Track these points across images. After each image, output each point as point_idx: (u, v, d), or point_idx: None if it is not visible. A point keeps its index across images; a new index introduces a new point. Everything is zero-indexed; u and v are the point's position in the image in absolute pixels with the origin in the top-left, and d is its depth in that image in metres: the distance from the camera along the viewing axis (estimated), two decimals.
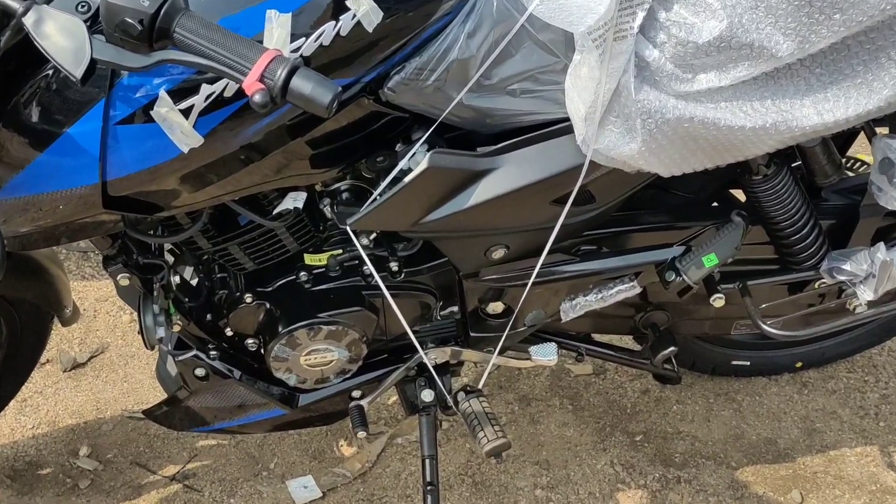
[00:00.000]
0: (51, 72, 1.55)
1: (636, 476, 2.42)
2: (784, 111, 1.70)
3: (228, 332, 2.03)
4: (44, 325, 2.35)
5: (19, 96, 1.57)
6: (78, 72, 1.31)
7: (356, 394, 2.15)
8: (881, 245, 2.06)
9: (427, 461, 2.12)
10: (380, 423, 2.59)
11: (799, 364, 2.62)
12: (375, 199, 1.78)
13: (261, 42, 1.41)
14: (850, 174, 2.18)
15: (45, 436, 2.56)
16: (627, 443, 2.48)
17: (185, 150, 1.55)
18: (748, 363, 2.63)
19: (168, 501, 2.44)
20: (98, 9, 1.33)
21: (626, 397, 2.61)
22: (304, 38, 1.50)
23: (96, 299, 2.89)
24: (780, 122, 1.70)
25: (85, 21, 1.35)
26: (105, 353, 2.73)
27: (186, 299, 2.00)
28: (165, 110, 1.49)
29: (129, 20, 1.29)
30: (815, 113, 1.69)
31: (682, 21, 1.60)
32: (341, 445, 2.56)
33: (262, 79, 1.27)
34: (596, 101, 1.63)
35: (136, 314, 2.33)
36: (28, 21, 1.32)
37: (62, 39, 1.33)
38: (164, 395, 2.21)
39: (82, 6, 1.38)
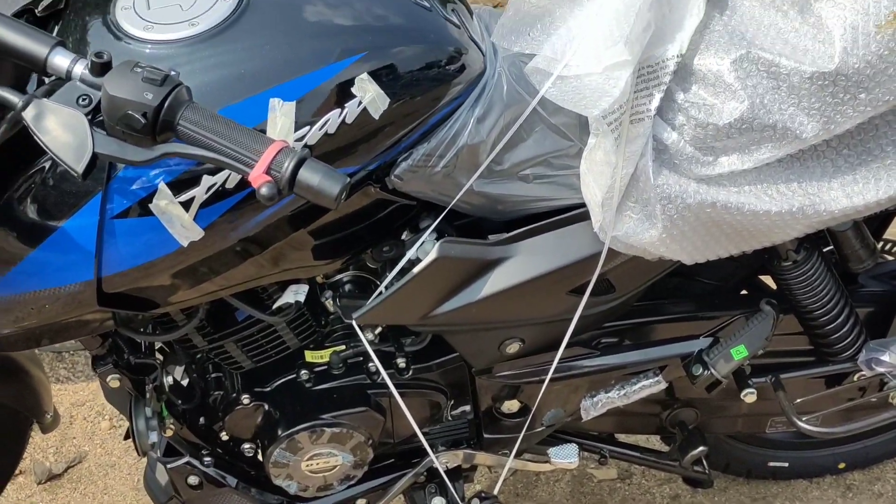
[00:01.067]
0: (47, 165, 1.63)
1: None
2: (811, 194, 1.78)
3: (224, 437, 2.07)
4: (22, 432, 2.37)
5: (12, 191, 1.64)
6: (80, 167, 1.38)
7: (361, 503, 2.18)
8: None
9: None
10: None
11: (842, 465, 2.65)
12: (381, 291, 1.85)
13: (264, 131, 1.51)
14: (889, 258, 2.25)
15: None
16: None
17: (185, 243, 1.63)
18: (786, 464, 2.65)
19: None
20: (99, 102, 1.40)
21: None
22: (308, 127, 1.59)
23: (72, 404, 2.93)
24: (808, 205, 1.78)
25: (86, 114, 1.42)
26: (83, 462, 2.78)
27: (179, 401, 2.05)
28: (165, 203, 1.57)
29: (133, 113, 1.36)
30: (843, 196, 1.78)
31: (701, 102, 1.71)
32: None
33: (268, 171, 1.33)
34: (613, 186, 1.73)
35: (115, 419, 2.41)
36: (28, 115, 1.41)
37: (63, 134, 1.40)
38: None
39: (83, 99, 1.44)
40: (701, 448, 2.28)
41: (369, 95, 1.64)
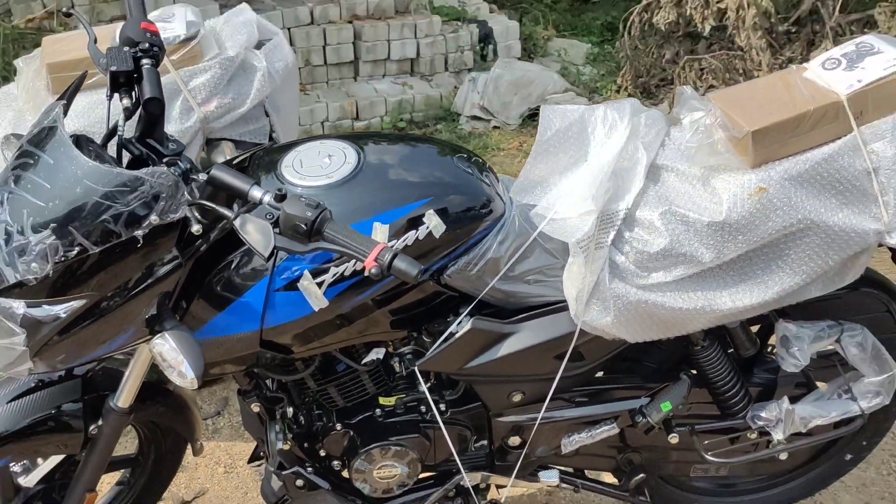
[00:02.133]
0: (235, 259, 1.95)
1: None
2: (709, 299, 2.07)
3: (322, 454, 2.29)
4: (180, 454, 2.54)
5: (211, 276, 1.96)
6: (266, 253, 1.68)
7: None
8: (785, 398, 2.32)
9: None
10: None
11: None
12: (437, 347, 2.10)
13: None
14: (772, 357, 2.39)
15: None
16: None
17: (316, 309, 1.95)
18: None
19: None
20: (278, 217, 1.70)
21: None
22: (396, 240, 1.91)
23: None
24: (706, 306, 2.07)
25: (271, 224, 1.70)
26: (205, 495, 2.97)
27: (294, 427, 2.26)
28: (307, 283, 1.92)
29: (299, 224, 1.66)
30: (730, 301, 2.06)
31: (639, 238, 2.03)
32: None
33: (376, 259, 1.63)
34: (583, 289, 2.04)
35: (227, 467, 2.57)
36: (237, 223, 1.71)
37: (256, 235, 1.70)
38: None
39: (269, 215, 1.71)
40: (641, 475, 2.43)
41: (434, 224, 1.97)
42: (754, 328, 2.40)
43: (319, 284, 1.96)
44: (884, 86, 2.05)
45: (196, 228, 1.81)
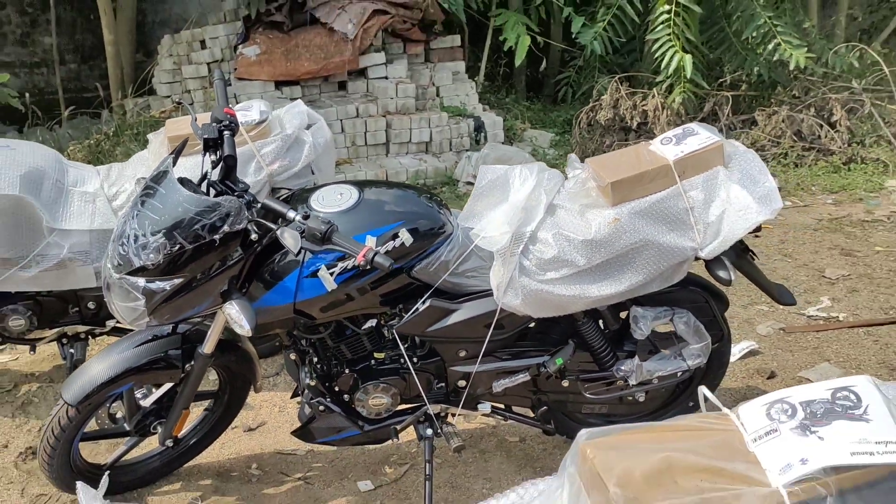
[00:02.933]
0: (277, 258, 2.09)
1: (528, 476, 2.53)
2: (583, 289, 2.15)
3: (335, 389, 2.36)
4: (246, 393, 2.57)
5: (263, 267, 2.11)
6: (296, 251, 1.86)
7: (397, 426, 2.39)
8: (637, 357, 2.36)
9: (427, 465, 2.32)
10: (406, 456, 2.75)
11: None
12: (408, 317, 2.21)
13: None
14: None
15: (231, 460, 2.73)
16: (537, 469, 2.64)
17: (329, 290, 2.09)
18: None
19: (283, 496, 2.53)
20: (304, 230, 1.86)
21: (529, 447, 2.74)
22: (381, 246, 2.05)
23: (262, 399, 3.08)
24: (581, 294, 2.15)
25: (300, 234, 1.83)
26: (265, 425, 2.97)
27: (318, 370, 2.34)
28: (323, 272, 2.07)
29: (317, 234, 1.85)
30: (597, 291, 2.15)
31: (539, 249, 2.14)
32: (386, 467, 2.71)
33: (363, 256, 1.80)
34: (502, 282, 2.16)
35: (281, 406, 2.70)
36: (278, 233, 1.88)
37: (290, 240, 1.86)
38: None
39: (298, 228, 1.84)
40: (546, 408, 2.47)
41: (406, 237, 2.09)
42: (624, 313, 2.44)
43: (332, 274, 2.10)
44: (698, 155, 2.17)
45: (253, 236, 2.00)
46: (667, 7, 6.03)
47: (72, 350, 3.01)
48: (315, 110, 3.13)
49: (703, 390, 1.12)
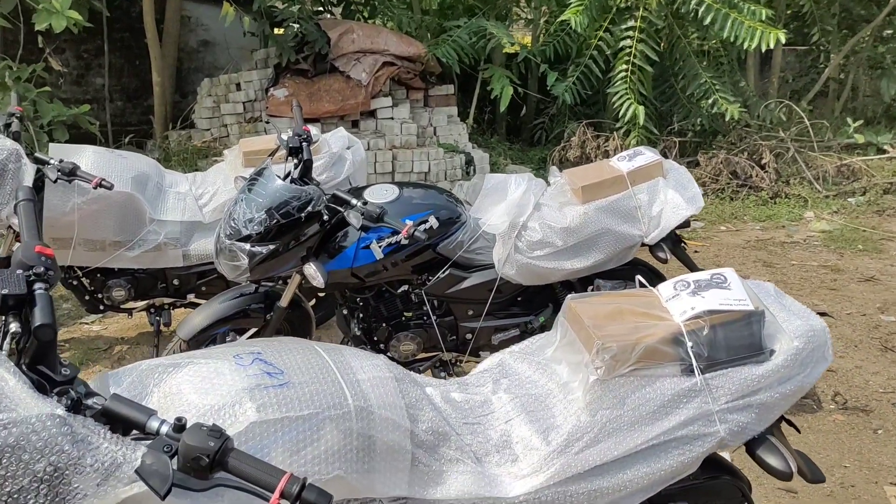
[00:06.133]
0: (339, 235, 2.46)
1: None
2: (560, 264, 2.49)
3: (374, 338, 2.68)
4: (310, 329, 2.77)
5: (332, 239, 2.48)
6: (359, 225, 2.26)
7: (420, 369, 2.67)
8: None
9: None
10: None
11: None
12: (433, 282, 2.55)
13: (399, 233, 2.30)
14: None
15: None
16: None
17: (377, 258, 2.48)
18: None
19: None
20: (364, 213, 2.26)
21: None
22: (418, 225, 2.34)
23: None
24: (558, 267, 2.49)
25: (361, 214, 2.34)
26: None
27: (362, 324, 2.68)
28: (374, 245, 2.47)
29: (371, 214, 2.28)
30: (569, 266, 2.52)
31: (528, 234, 2.53)
32: None
33: (406, 231, 2.26)
34: (502, 258, 2.55)
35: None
36: (346, 214, 2.29)
37: (355, 220, 2.23)
38: None
39: (361, 212, 2.30)
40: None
41: (433, 222, 2.49)
42: (591, 287, 2.70)
43: (380, 247, 2.52)
44: (645, 169, 2.66)
45: (326, 216, 2.41)
46: (624, 66, 6.67)
47: (158, 318, 3.43)
48: None
49: (639, 279, 1.67)
